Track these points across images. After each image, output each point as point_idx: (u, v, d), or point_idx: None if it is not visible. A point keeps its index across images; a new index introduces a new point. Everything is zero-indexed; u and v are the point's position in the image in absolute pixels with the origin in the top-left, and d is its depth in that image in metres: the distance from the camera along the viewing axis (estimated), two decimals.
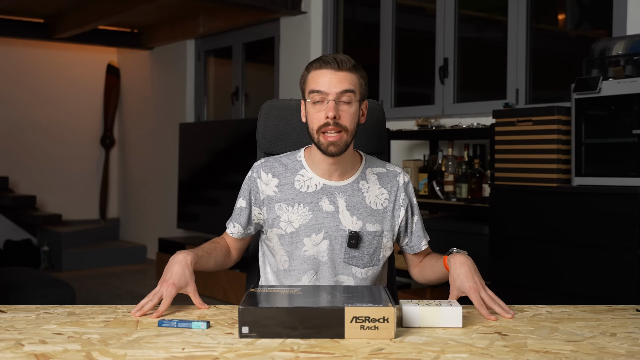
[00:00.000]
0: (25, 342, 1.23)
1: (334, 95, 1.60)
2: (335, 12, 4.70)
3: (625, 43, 2.66)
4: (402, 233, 1.78)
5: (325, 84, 1.61)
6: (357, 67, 1.65)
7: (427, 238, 1.81)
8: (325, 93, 1.60)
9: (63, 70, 6.80)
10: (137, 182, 6.82)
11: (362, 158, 1.77)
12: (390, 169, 1.79)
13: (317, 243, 1.69)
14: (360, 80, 1.65)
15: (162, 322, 1.36)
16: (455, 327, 1.36)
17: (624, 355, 1.18)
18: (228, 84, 5.86)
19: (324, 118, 1.60)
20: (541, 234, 2.72)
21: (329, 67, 1.61)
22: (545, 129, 2.74)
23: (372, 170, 1.76)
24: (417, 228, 1.79)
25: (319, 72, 1.63)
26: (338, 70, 1.61)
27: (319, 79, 1.62)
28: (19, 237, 6.32)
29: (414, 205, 1.79)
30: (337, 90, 1.60)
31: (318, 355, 1.16)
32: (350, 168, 1.72)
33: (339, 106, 1.61)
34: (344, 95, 1.61)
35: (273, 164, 1.74)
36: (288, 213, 1.69)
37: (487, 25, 4.21)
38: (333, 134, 1.61)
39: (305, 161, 1.73)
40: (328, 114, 1.59)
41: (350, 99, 1.62)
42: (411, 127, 3.91)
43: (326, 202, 1.69)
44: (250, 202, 1.74)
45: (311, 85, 1.63)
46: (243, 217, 1.74)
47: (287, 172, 1.72)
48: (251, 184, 1.74)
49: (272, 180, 1.72)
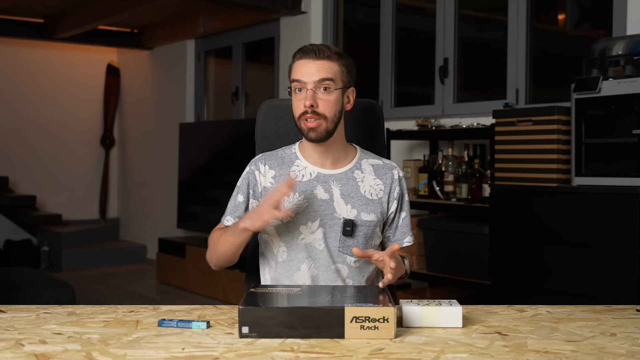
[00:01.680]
0: (25, 342, 1.23)
1: (312, 84, 1.66)
2: (335, 12, 4.70)
3: (625, 43, 2.66)
4: (387, 225, 1.80)
5: (304, 73, 1.67)
6: (340, 55, 1.69)
7: (411, 236, 1.83)
8: (304, 82, 1.66)
9: (63, 70, 6.79)
10: (137, 182, 6.82)
11: (358, 150, 1.81)
12: (386, 162, 1.83)
13: (313, 231, 1.71)
14: (341, 67, 1.69)
15: (162, 322, 1.36)
16: (455, 327, 1.36)
17: (624, 355, 1.18)
18: (228, 84, 5.86)
19: (303, 107, 1.66)
20: (541, 234, 2.71)
21: (308, 56, 1.67)
22: (545, 129, 2.74)
23: (368, 162, 1.80)
24: (404, 224, 1.81)
25: (300, 62, 1.68)
26: (316, 59, 1.66)
27: (299, 69, 1.68)
28: (19, 237, 6.32)
29: (405, 201, 1.82)
30: (315, 79, 1.66)
31: (318, 355, 1.16)
32: (344, 157, 1.77)
33: (317, 95, 1.66)
34: (321, 83, 1.66)
35: (269, 157, 1.79)
36: (284, 203, 1.71)
37: (487, 25, 4.21)
38: (312, 121, 1.66)
39: (299, 152, 1.78)
40: (305, 102, 1.65)
41: (329, 86, 1.66)
42: (411, 127, 3.91)
43: (321, 190, 1.72)
44: (248, 195, 1.77)
45: (293, 74, 1.70)
46: (241, 210, 1.77)
47: (284, 164, 1.77)
48: (249, 177, 1.78)
49: (269, 172, 1.76)
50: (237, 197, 1.78)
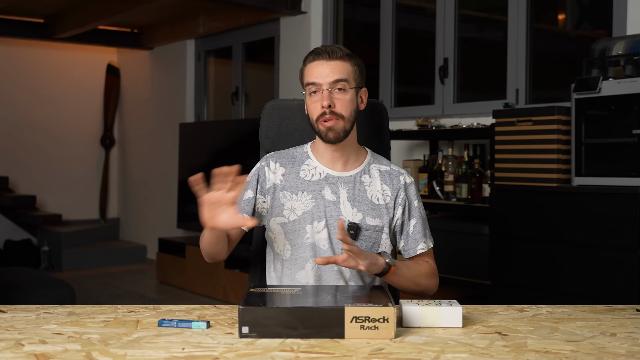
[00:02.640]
0: (25, 342, 1.23)
1: (327, 85, 1.67)
2: (335, 12, 4.70)
3: (625, 43, 2.66)
4: (397, 234, 1.78)
5: (319, 75, 1.68)
6: (350, 55, 1.72)
7: (426, 243, 1.78)
8: (319, 84, 1.68)
9: (63, 70, 6.80)
10: (137, 182, 6.82)
11: (368, 153, 1.81)
12: (395, 168, 1.82)
13: (318, 231, 1.71)
14: (354, 67, 1.72)
15: (162, 322, 1.36)
16: (455, 327, 1.36)
17: (624, 355, 1.18)
18: (228, 84, 5.86)
19: (320, 108, 1.67)
20: (541, 234, 2.71)
21: (321, 57, 1.69)
22: (545, 129, 2.74)
23: (377, 167, 1.79)
24: (415, 231, 1.77)
25: (313, 65, 1.70)
26: (329, 59, 1.69)
27: (312, 71, 1.70)
28: (19, 237, 6.32)
29: (414, 207, 1.78)
30: (330, 80, 1.67)
31: (318, 355, 1.16)
32: (355, 160, 1.77)
33: (333, 95, 1.68)
34: (337, 84, 1.68)
35: (281, 154, 1.81)
36: (292, 201, 1.73)
37: (487, 25, 4.21)
38: (329, 121, 1.67)
39: (311, 152, 1.79)
40: (323, 103, 1.66)
41: (344, 86, 1.68)
42: (411, 127, 3.91)
43: (329, 191, 1.73)
44: (256, 191, 1.77)
45: (307, 78, 1.71)
46: (249, 206, 1.76)
47: (295, 163, 1.78)
48: (259, 172, 1.78)
49: (279, 169, 1.77)
50: (246, 193, 1.77)
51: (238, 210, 1.55)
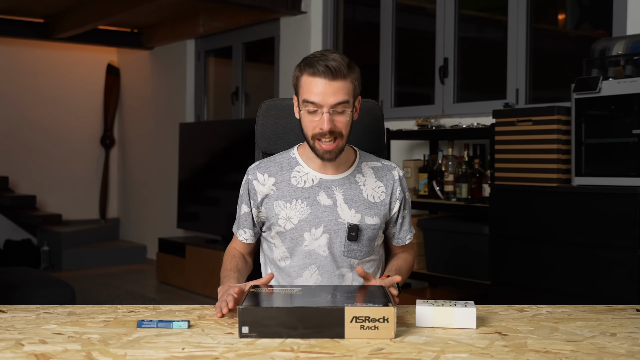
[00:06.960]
0: (25, 342, 1.23)
1: (328, 107, 1.59)
2: (335, 12, 4.70)
3: (625, 43, 2.66)
4: (391, 224, 1.82)
5: (320, 96, 1.59)
6: (351, 69, 1.62)
7: (412, 232, 1.86)
8: (320, 105, 1.59)
9: (63, 70, 6.79)
10: (137, 182, 6.82)
11: (357, 152, 1.80)
12: (385, 163, 1.82)
13: (316, 237, 1.70)
14: (354, 84, 1.63)
15: (141, 323, 1.35)
16: (469, 329, 1.36)
17: (624, 355, 1.18)
18: (228, 84, 5.86)
19: (319, 129, 1.60)
20: (541, 234, 2.71)
21: (323, 76, 1.58)
22: (545, 129, 2.74)
23: (368, 165, 1.79)
24: (406, 222, 1.84)
25: (313, 81, 1.60)
26: (332, 80, 1.58)
27: (312, 88, 1.60)
28: (19, 237, 6.32)
29: (407, 200, 1.83)
30: (332, 102, 1.59)
31: (318, 355, 1.16)
32: (345, 162, 1.75)
33: (334, 116, 1.60)
34: (338, 106, 1.60)
35: (267, 164, 1.77)
36: (286, 210, 1.71)
37: (487, 25, 4.21)
38: (328, 143, 1.62)
39: (299, 157, 1.75)
40: (322, 126, 1.59)
41: (345, 108, 1.61)
42: (411, 127, 3.91)
43: (324, 196, 1.71)
44: (251, 205, 1.76)
45: (305, 94, 1.61)
46: (249, 221, 1.78)
47: (283, 170, 1.74)
48: (248, 186, 1.77)
49: (268, 180, 1.74)
50: (242, 208, 1.78)
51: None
